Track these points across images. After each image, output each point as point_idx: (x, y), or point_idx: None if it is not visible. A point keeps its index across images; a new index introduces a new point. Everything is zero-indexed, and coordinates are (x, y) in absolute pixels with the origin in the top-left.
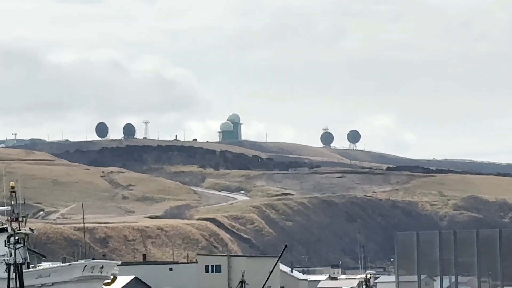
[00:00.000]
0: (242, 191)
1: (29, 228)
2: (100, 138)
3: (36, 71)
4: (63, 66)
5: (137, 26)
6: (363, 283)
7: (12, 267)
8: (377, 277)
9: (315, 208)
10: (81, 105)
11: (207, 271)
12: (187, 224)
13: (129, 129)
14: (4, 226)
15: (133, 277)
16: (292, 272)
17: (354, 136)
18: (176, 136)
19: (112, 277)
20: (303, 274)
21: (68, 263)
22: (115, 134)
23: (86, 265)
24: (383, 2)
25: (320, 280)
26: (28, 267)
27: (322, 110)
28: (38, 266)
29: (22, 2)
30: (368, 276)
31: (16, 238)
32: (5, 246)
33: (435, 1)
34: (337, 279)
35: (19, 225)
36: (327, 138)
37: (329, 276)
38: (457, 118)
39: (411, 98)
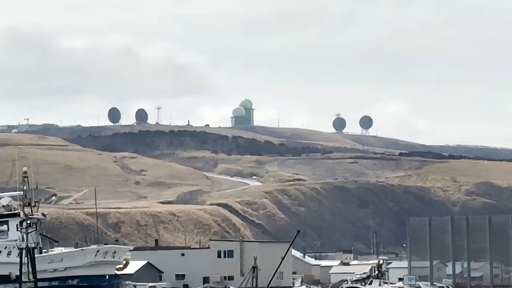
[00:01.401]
0: (255, 177)
1: (42, 213)
2: (112, 124)
3: (49, 57)
4: (75, 52)
5: (149, 11)
6: (376, 269)
7: (24, 252)
8: (390, 263)
9: (327, 194)
10: (94, 91)
11: (219, 256)
12: (200, 210)
13: (141, 115)
14: (17, 211)
15: (145, 262)
16: (304, 257)
17: (366, 122)
18: (188, 121)
19: (124, 262)
20: (315, 259)
21: (80, 248)
22: (128, 119)
23: (98, 250)
24: None
25: (332, 266)
26: (41, 252)
27: (335, 95)
28: (51, 251)
29: None
30: (381, 261)
31: (29, 222)
32: (18, 230)
33: None
34: (349, 265)
35: (31, 210)
36: (339, 123)
37: (341, 261)
38: (470, 104)
39: (423, 84)
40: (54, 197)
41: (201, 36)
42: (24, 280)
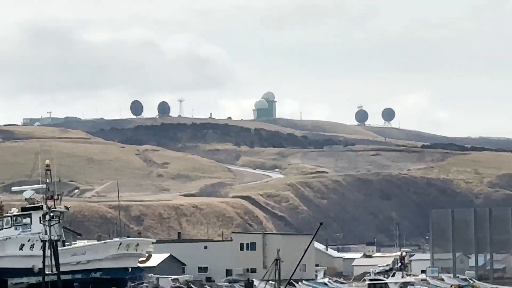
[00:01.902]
0: (277, 169)
1: (64, 206)
2: (135, 116)
3: (71, 50)
4: (97, 45)
5: (171, 4)
6: (398, 261)
7: (47, 244)
8: (412, 255)
9: (350, 186)
10: (116, 84)
11: (241, 249)
12: (222, 202)
13: (163, 107)
14: (40, 204)
15: (168, 255)
16: (327, 249)
17: (388, 114)
18: (210, 114)
19: (147, 254)
20: (338, 251)
21: (103, 241)
22: (150, 112)
23: (121, 243)
24: None
25: (355, 258)
26: (64, 245)
27: (357, 88)
28: (74, 244)
29: None
30: (403, 253)
31: (52, 215)
32: (41, 223)
33: None
34: (372, 257)
35: (54, 203)
36: (361, 116)
37: (364, 253)
38: (492, 95)
39: (445, 76)
40: (76, 190)
41: (223, 28)
42: (47, 272)
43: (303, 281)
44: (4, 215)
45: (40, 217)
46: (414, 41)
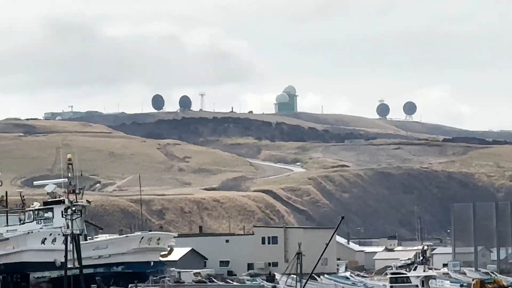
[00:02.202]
0: (298, 163)
1: (86, 200)
2: (156, 111)
3: (92, 45)
4: (119, 40)
5: None
6: (420, 255)
7: (69, 238)
8: (434, 249)
9: (371, 180)
10: (137, 78)
11: (263, 242)
12: (243, 196)
13: (185, 101)
14: (61, 198)
15: (189, 249)
16: (348, 243)
17: (410, 108)
18: (232, 108)
19: (169, 249)
20: (359, 245)
21: (125, 235)
22: (171, 106)
23: (143, 237)
24: None
25: (376, 252)
26: (86, 239)
27: (378, 81)
28: (95, 238)
29: None
30: (425, 247)
31: (73, 209)
32: (62, 217)
33: None
34: (394, 251)
35: (76, 197)
36: (383, 109)
37: (386, 247)
38: None
39: (467, 69)
40: (98, 184)
41: (244, 22)
42: (69, 266)
43: (325, 275)
44: (26, 209)
45: (62, 211)
46: (435, 34)
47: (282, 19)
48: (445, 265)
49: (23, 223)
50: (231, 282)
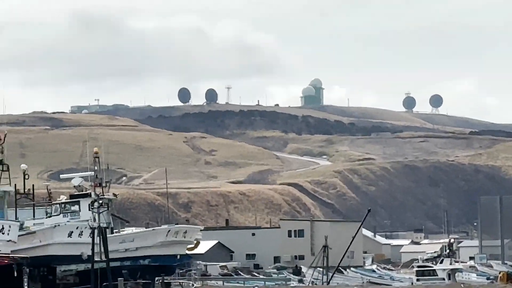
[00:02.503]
0: (324, 156)
1: (113, 193)
2: (182, 104)
3: (119, 38)
4: (145, 33)
5: None
6: (446, 248)
7: (96, 232)
8: (460, 242)
9: (397, 173)
10: (163, 71)
11: (289, 236)
12: (270, 189)
13: (211, 95)
14: (88, 191)
15: (216, 242)
16: (375, 236)
17: (436, 101)
18: (258, 101)
19: (195, 242)
20: (386, 238)
21: (151, 228)
22: (198, 99)
23: (169, 230)
24: None
25: (403, 245)
26: (112, 232)
27: (404, 74)
28: (122, 231)
29: None
30: (451, 240)
31: (100, 202)
32: (89, 210)
33: None
34: (420, 244)
35: (102, 190)
36: (409, 102)
37: (412, 240)
38: None
39: (493, 62)
40: (124, 178)
41: (270, 15)
42: (96, 260)
43: (351, 268)
44: (53, 202)
45: (88, 205)
46: (462, 27)
47: (308, 11)
48: (471, 258)
49: (50, 217)
50: (257, 275)
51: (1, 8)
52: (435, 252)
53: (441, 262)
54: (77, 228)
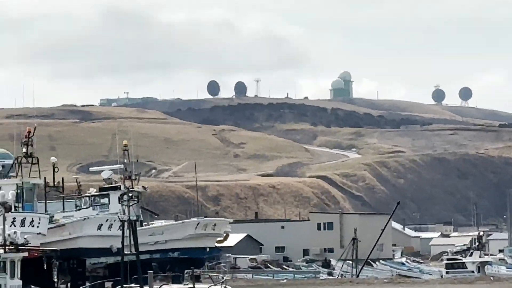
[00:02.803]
0: (354, 149)
1: (142, 186)
2: (211, 97)
3: (148, 31)
4: (174, 26)
5: None
6: (476, 240)
7: (126, 224)
8: (490, 234)
9: (426, 165)
10: (192, 64)
11: (319, 228)
12: (299, 182)
13: (240, 87)
14: (118, 184)
15: (245, 234)
16: (404, 229)
17: (465, 93)
18: (287, 94)
19: (224, 234)
20: (415, 231)
21: (181, 221)
22: (227, 92)
23: (198, 223)
24: None
25: (432, 238)
26: (142, 225)
27: (434, 67)
28: (151, 224)
29: None
30: (481, 233)
31: (130, 195)
32: (119, 203)
33: None
34: (449, 237)
35: (132, 183)
36: (438, 95)
37: (441, 233)
38: None
39: None
40: (153, 171)
41: (299, 8)
42: (126, 252)
43: (381, 261)
44: (82, 195)
45: (118, 197)
46: (491, 19)
47: (337, 3)
48: (501, 251)
49: (79, 209)
50: (286, 268)
51: (31, 0)
52: (464, 245)
53: (470, 255)
54: (106, 221)
